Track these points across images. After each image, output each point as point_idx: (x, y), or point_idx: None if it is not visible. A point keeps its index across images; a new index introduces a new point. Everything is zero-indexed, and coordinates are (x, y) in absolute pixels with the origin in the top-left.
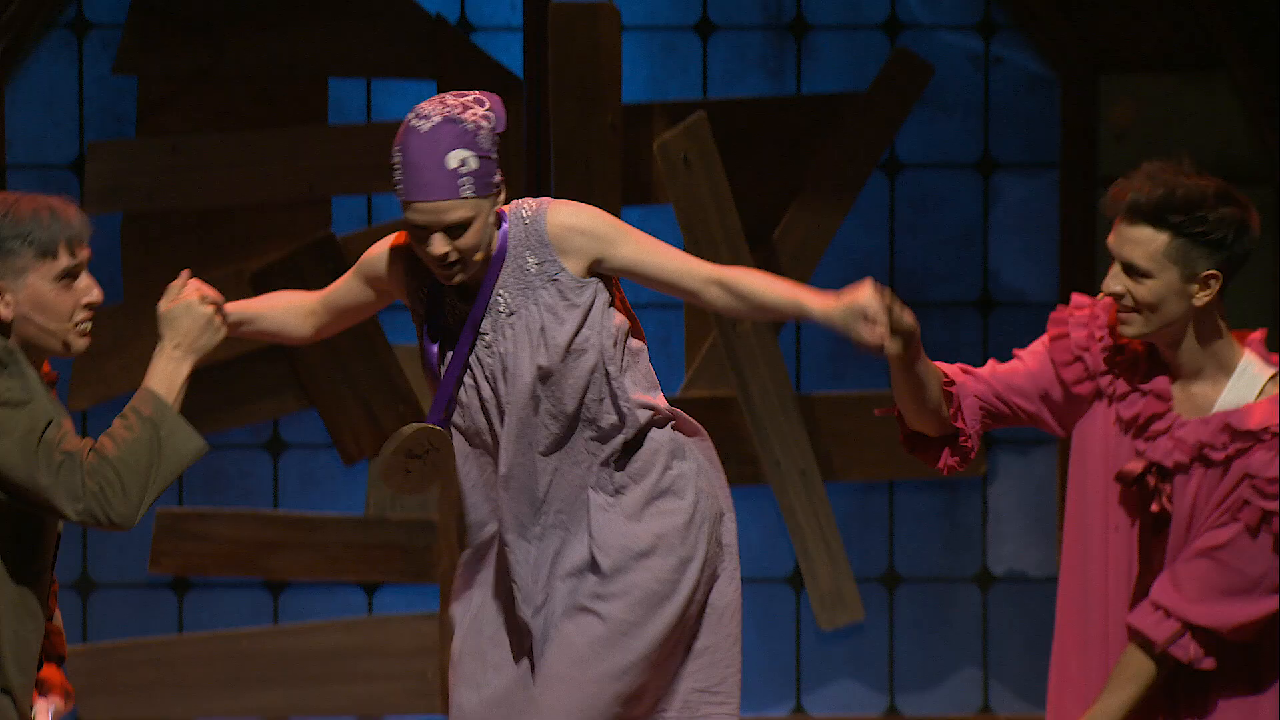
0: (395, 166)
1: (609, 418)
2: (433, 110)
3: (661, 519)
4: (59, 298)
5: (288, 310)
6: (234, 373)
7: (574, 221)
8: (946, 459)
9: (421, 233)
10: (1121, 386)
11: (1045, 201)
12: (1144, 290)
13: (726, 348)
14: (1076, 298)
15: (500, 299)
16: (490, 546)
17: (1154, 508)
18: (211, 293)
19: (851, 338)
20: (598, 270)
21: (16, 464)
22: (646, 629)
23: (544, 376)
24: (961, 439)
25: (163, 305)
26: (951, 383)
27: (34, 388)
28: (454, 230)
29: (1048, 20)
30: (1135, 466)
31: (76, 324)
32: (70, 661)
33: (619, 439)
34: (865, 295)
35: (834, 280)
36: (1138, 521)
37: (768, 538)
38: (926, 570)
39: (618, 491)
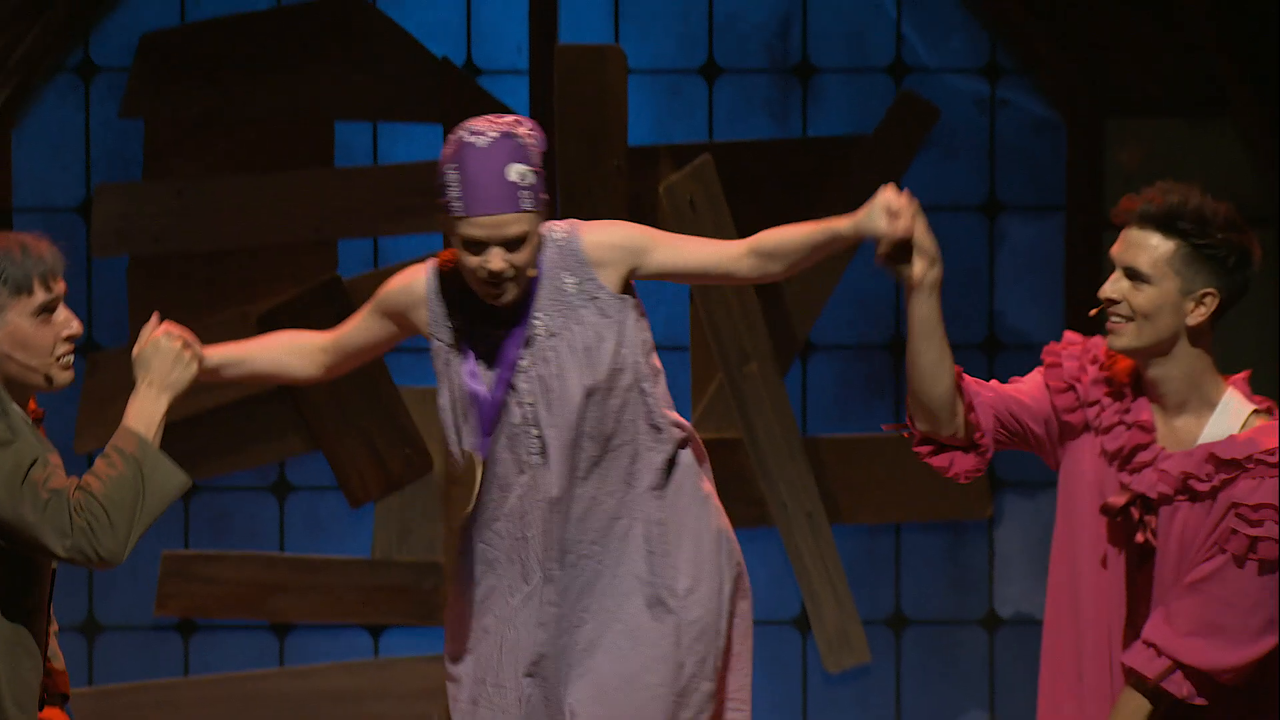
0: (449, 184)
1: (644, 438)
2: (485, 127)
3: (696, 547)
4: (39, 333)
5: (289, 350)
6: (239, 415)
7: (608, 238)
8: (961, 464)
9: (478, 248)
10: (1108, 419)
11: (1051, 244)
12: (1142, 298)
13: (733, 390)
14: (1069, 334)
15: (538, 321)
16: (476, 586)
17: (1139, 538)
18: (179, 330)
19: (877, 235)
20: (632, 279)
21: (2, 501)
22: (708, 661)
23: (591, 395)
24: (977, 435)
25: (135, 349)
26: (963, 377)
27: (18, 426)
28: (511, 245)
29: (1053, 64)
30: (1119, 499)
31: (58, 358)
32: (76, 704)
33: (656, 458)
34: (887, 193)
35: (839, 323)
36: (1124, 554)
37: (774, 580)
38: (933, 613)
39: (660, 521)
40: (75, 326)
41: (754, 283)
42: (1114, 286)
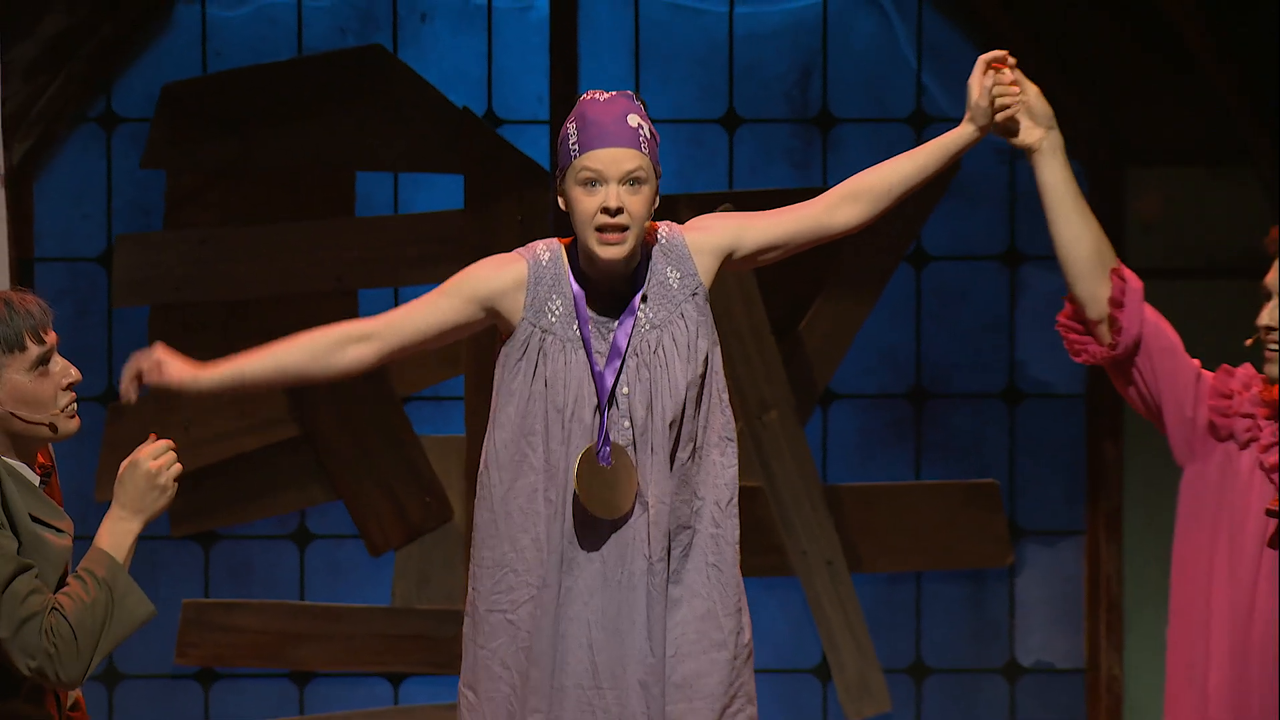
0: (569, 137)
1: (717, 448)
2: (602, 92)
3: (736, 569)
4: (38, 386)
5: (306, 350)
6: (260, 464)
7: (707, 228)
8: (1091, 350)
9: (594, 187)
10: (1266, 437)
11: None
12: None
13: (753, 438)
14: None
15: (643, 315)
16: (556, 589)
17: None
18: (161, 447)
19: (989, 121)
20: (727, 267)
21: None
22: (750, 686)
23: (688, 390)
24: (1115, 334)
25: (121, 466)
26: (1120, 273)
27: (15, 515)
28: (629, 185)
29: (1074, 113)
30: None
31: (62, 408)
32: None
33: (727, 472)
34: (973, 81)
35: (860, 372)
36: None
37: (794, 628)
38: (953, 661)
39: (714, 536)
40: (74, 374)
41: (852, 231)
42: (1271, 314)
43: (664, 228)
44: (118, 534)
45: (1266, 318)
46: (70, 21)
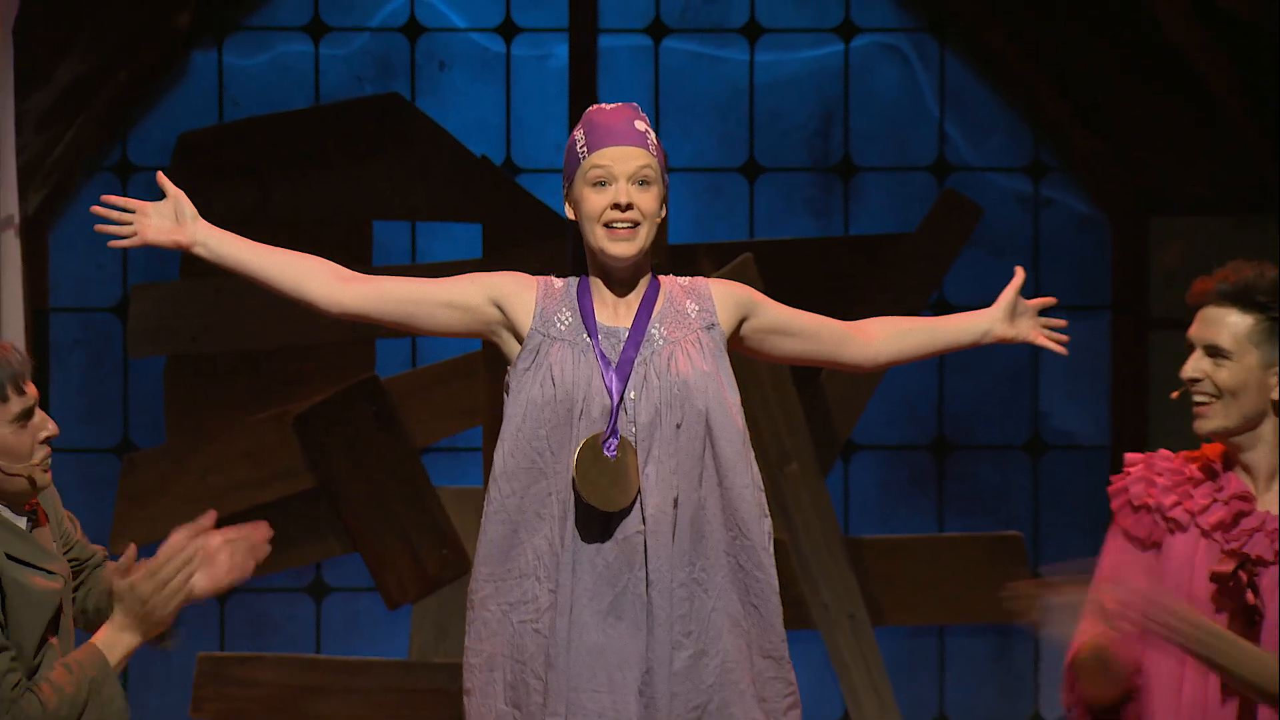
0: (575, 144)
1: (753, 496)
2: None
3: (779, 617)
4: (17, 439)
5: (317, 266)
6: (277, 516)
7: (731, 287)
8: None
9: (603, 187)
10: (1200, 502)
11: (1096, 343)
12: (1224, 374)
13: (774, 490)
14: (1128, 457)
15: (655, 331)
16: (561, 591)
17: (1249, 600)
18: (170, 569)
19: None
20: (740, 331)
21: None
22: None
23: (711, 414)
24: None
25: (119, 583)
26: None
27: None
28: (638, 184)
29: (1097, 163)
30: (1227, 565)
31: (38, 461)
32: None
33: (766, 522)
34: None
35: (881, 423)
36: (1229, 625)
37: (816, 682)
38: (978, 716)
39: (759, 579)
40: (51, 428)
41: (853, 369)
42: (1195, 365)
43: (686, 278)
44: (113, 642)
45: (1190, 369)
46: (86, 70)
